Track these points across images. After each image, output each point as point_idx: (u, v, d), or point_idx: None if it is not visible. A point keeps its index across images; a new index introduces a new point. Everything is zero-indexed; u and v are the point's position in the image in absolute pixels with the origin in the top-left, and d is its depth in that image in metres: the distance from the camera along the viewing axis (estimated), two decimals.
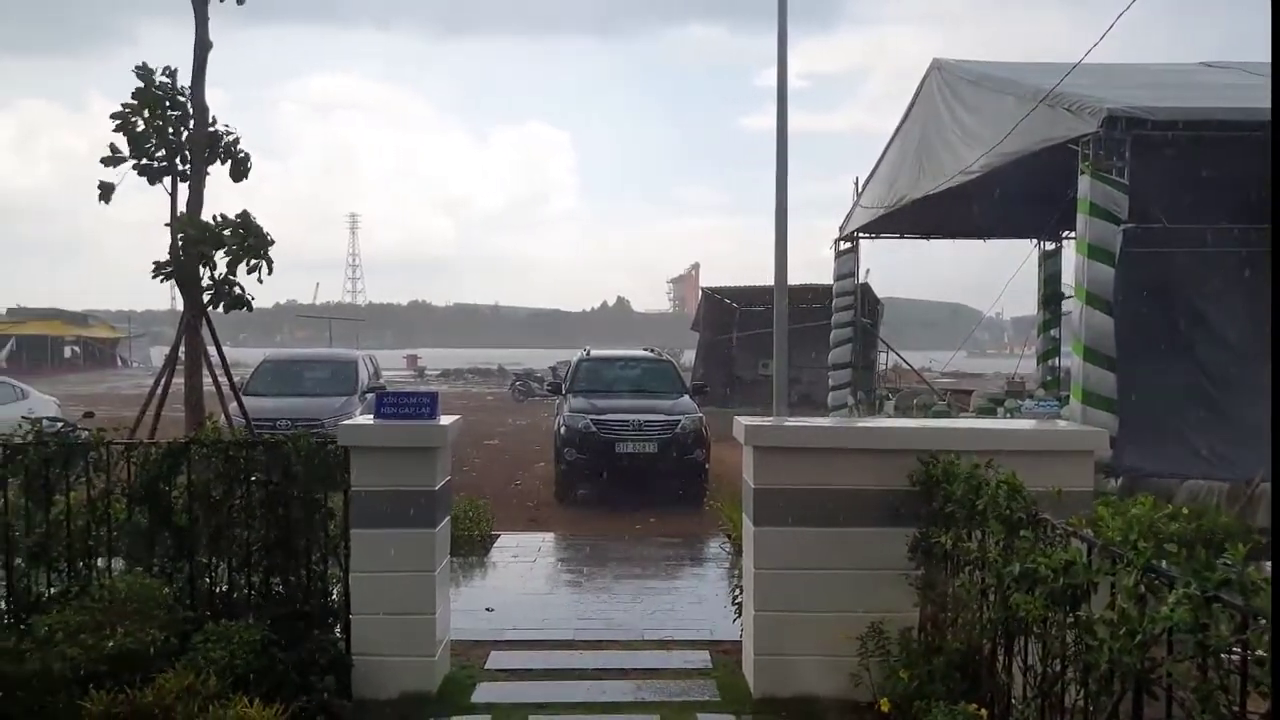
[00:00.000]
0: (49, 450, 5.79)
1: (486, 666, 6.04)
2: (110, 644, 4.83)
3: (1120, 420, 9.21)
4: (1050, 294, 18.10)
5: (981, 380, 27.33)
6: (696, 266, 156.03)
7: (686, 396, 13.52)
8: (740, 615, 6.07)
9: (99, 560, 5.72)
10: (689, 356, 33.97)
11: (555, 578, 8.76)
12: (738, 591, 6.23)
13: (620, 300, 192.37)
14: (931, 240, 19.62)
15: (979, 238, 19.34)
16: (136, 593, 5.21)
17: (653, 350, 16.20)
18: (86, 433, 7.12)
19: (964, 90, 13.27)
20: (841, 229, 19.31)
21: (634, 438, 12.31)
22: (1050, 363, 18.37)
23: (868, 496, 5.20)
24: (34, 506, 5.71)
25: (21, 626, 5.29)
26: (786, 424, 6.03)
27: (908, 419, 8.66)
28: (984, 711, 3.91)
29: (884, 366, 25.34)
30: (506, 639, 6.60)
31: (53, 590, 5.61)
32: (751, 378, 27.71)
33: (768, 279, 14.08)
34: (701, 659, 6.19)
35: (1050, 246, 18.08)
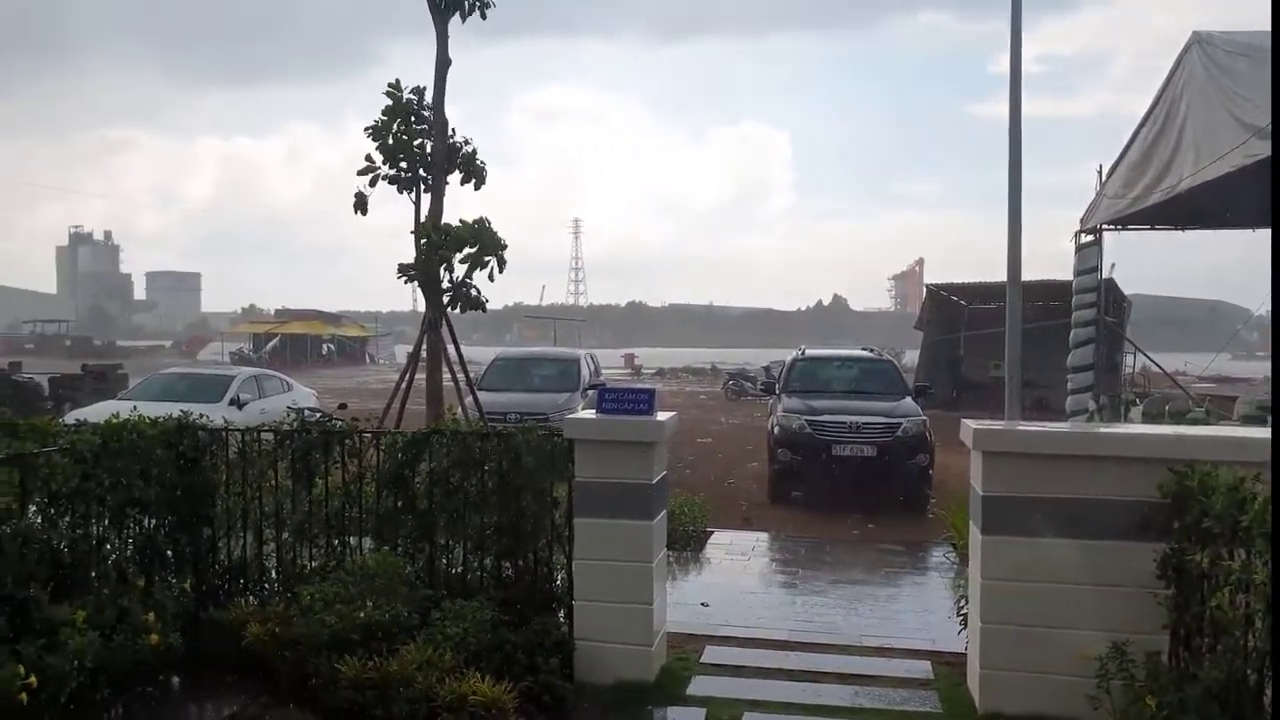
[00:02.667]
0: (312, 437, 6.41)
1: (702, 660, 6.10)
2: (361, 615, 5.28)
3: None
4: None
5: (1250, 386, 24.63)
6: (920, 263, 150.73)
7: (908, 399, 13.05)
8: (965, 626, 5.80)
9: (351, 538, 6.27)
10: (911, 357, 32.80)
11: (769, 577, 8.72)
12: (963, 602, 5.96)
13: (837, 299, 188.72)
14: (1186, 231, 17.90)
15: (1246, 227, 17.43)
16: (384, 570, 5.67)
17: (872, 350, 15.75)
18: (341, 422, 7.82)
19: (1235, 64, 11.97)
20: (1083, 220, 17.96)
21: (851, 440, 12.03)
22: None
23: (1110, 507, 4.83)
24: (298, 488, 6.35)
25: (289, 595, 5.88)
26: (1019, 428, 5.70)
27: (1157, 425, 7.94)
28: None
29: (1130, 369, 23.38)
30: (721, 634, 6.64)
31: (313, 564, 6.21)
32: (980, 380, 26.38)
33: (998, 275, 13.35)
34: (923, 669, 5.97)
35: None
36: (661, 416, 5.80)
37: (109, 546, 5.74)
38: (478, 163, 10.44)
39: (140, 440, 5.81)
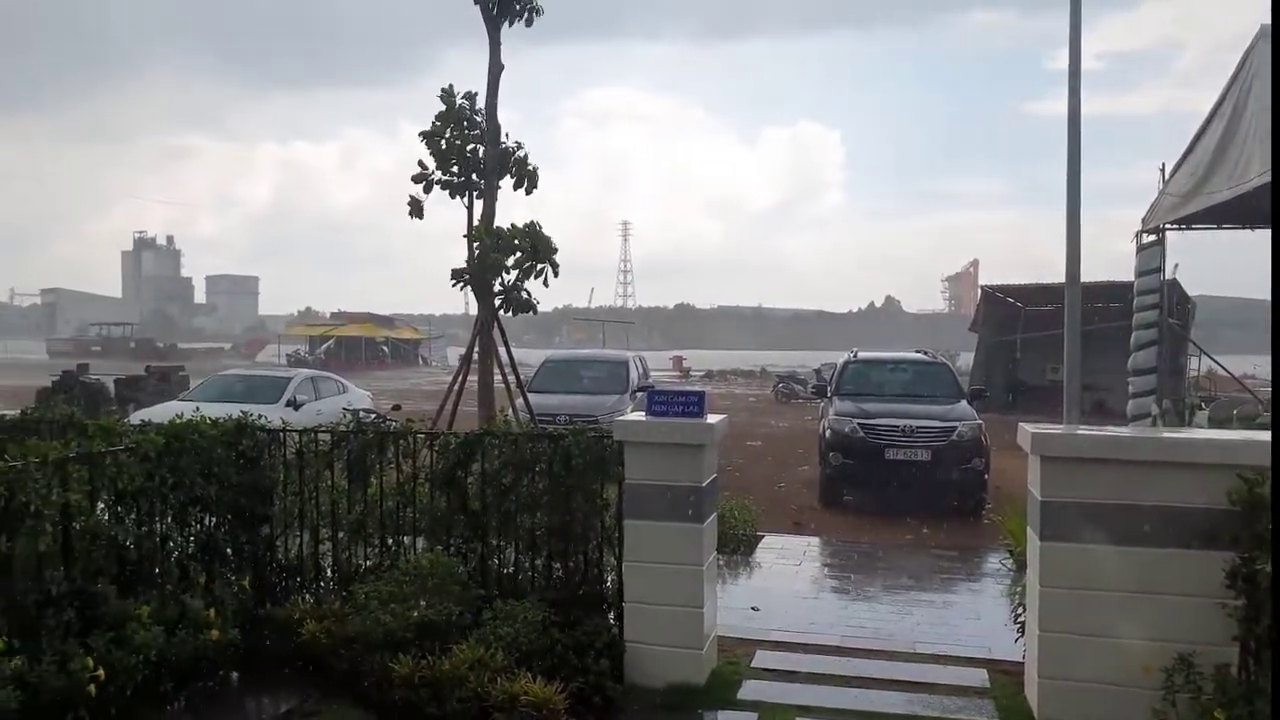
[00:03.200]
0: (367, 438, 6.50)
1: (752, 664, 6.07)
2: (415, 614, 5.35)
3: None
4: None
5: None
6: (975, 263, 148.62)
7: (964, 402, 12.84)
8: (1023, 635, 5.69)
9: (405, 538, 6.34)
10: (966, 359, 32.31)
11: (821, 582, 8.64)
12: (1020, 610, 5.85)
13: (889, 300, 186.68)
14: (1254, 231, 17.36)
15: None
16: (437, 569, 5.73)
17: (926, 352, 15.54)
18: (395, 423, 7.93)
19: None
20: (1145, 220, 17.52)
21: (905, 444, 11.87)
22: None
23: (1174, 515, 4.70)
24: (353, 488, 6.44)
25: (344, 593, 5.96)
26: (1079, 432, 5.57)
27: (1224, 431, 7.70)
28: None
29: (1195, 372, 22.76)
30: (772, 639, 6.59)
31: (368, 562, 6.30)
32: (1038, 383, 25.89)
33: (1055, 275, 13.05)
34: (979, 677, 5.87)
35: None
36: (712, 419, 5.78)
37: (172, 544, 5.87)
38: (529, 167, 10.52)
39: (202, 440, 5.94)
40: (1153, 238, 17.48)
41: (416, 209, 10.48)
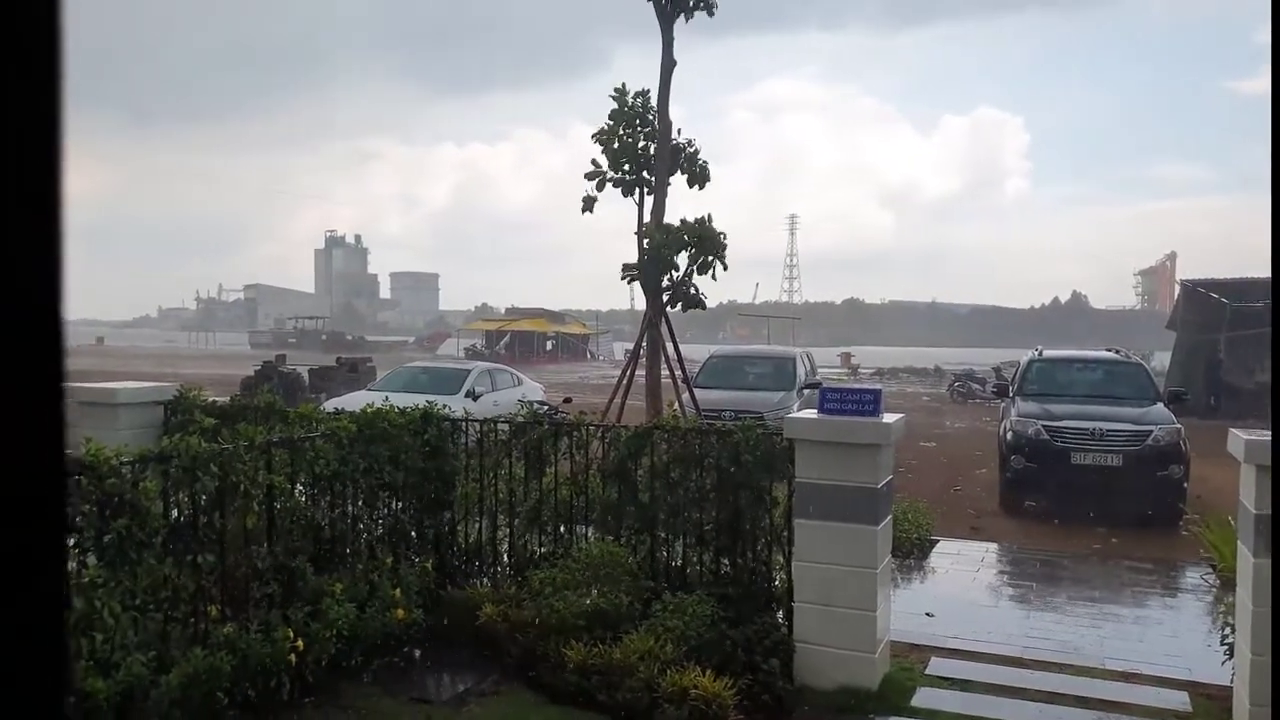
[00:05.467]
0: (543, 429, 6.70)
1: (927, 671, 5.87)
2: (587, 602, 5.47)
3: None
4: None
5: None
6: (1172, 256, 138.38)
7: (1160, 405, 11.95)
8: (1230, 657, 5.25)
9: (578, 527, 6.49)
10: (1161, 359, 30.13)
11: (1000, 590, 8.26)
12: (1228, 630, 5.40)
13: (1075, 295, 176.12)
14: None
15: None
16: (607, 559, 5.84)
17: (1118, 351, 14.57)
18: (568, 416, 8.12)
19: None
20: None
21: (1094, 448, 11.17)
22: None
23: None
24: (529, 477, 6.65)
25: (520, 578, 6.17)
26: None
27: None
28: None
29: None
30: (948, 646, 6.35)
31: (542, 549, 6.49)
32: (1244, 385, 23.80)
33: (1266, 269, 11.96)
34: (1179, 699, 5.46)
35: None
36: (888, 418, 5.62)
37: (362, 525, 6.23)
38: (700, 163, 10.55)
39: (390, 428, 6.27)
40: None
41: (589, 205, 10.70)
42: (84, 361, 42.74)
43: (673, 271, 10.07)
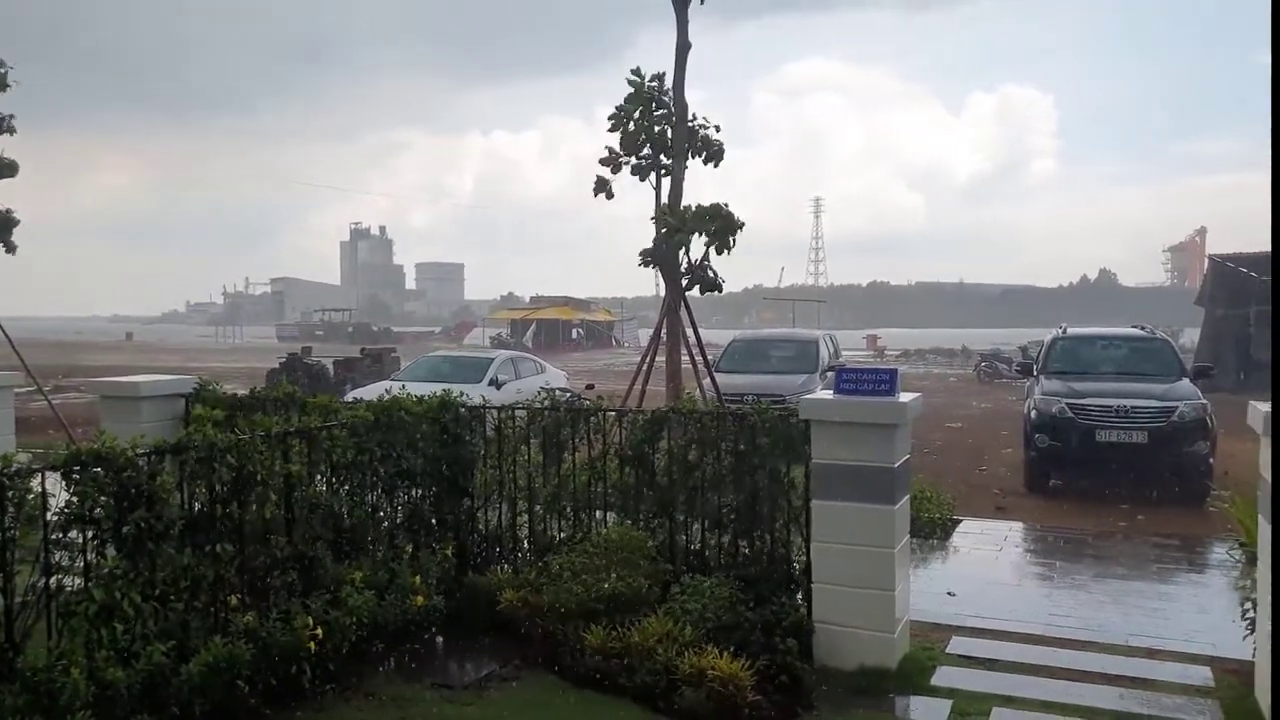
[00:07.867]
0: (560, 415, 6.72)
1: (948, 650, 5.85)
2: (606, 586, 5.50)
3: None
4: None
5: None
6: (1202, 232, 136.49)
7: (1186, 380, 11.80)
8: (1252, 632, 5.20)
9: (597, 512, 6.52)
10: (1190, 336, 29.72)
11: (1023, 569, 8.20)
12: (1249, 605, 5.34)
13: (1104, 273, 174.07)
14: None
15: None
16: (626, 543, 5.86)
17: (1144, 328, 14.38)
18: (588, 401, 8.14)
19: None
20: None
21: (1119, 425, 11.05)
22: None
23: None
24: (548, 462, 6.68)
25: (539, 563, 6.20)
26: None
27: None
28: None
29: None
30: (969, 625, 6.33)
31: (561, 534, 6.52)
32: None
33: None
34: (1201, 675, 5.41)
35: None
36: (904, 397, 5.59)
37: (381, 513, 6.28)
38: (715, 143, 10.50)
39: (407, 416, 6.31)
40: None
41: (602, 186, 10.70)
42: (114, 357, 43.41)
43: (688, 254, 10.05)
